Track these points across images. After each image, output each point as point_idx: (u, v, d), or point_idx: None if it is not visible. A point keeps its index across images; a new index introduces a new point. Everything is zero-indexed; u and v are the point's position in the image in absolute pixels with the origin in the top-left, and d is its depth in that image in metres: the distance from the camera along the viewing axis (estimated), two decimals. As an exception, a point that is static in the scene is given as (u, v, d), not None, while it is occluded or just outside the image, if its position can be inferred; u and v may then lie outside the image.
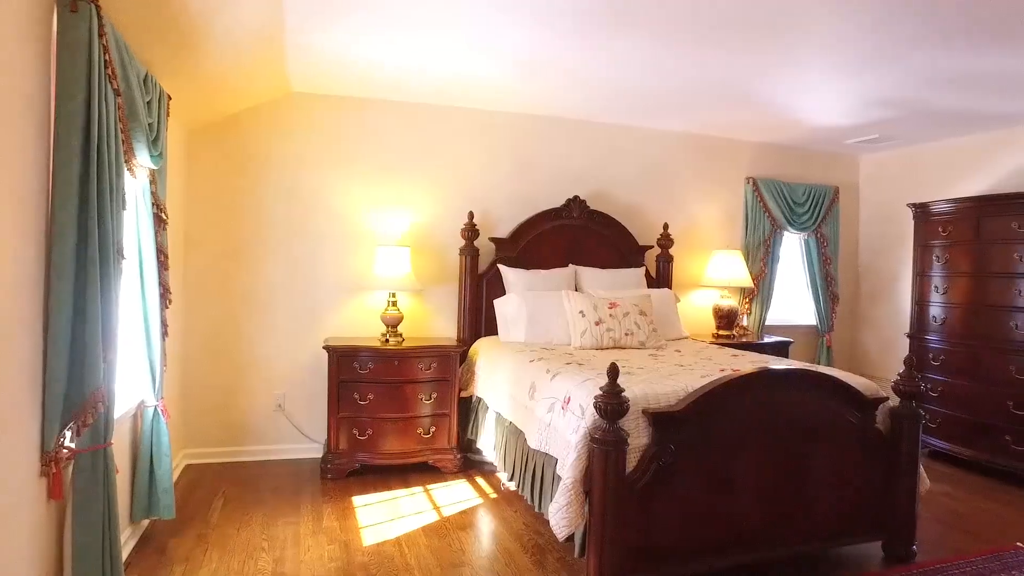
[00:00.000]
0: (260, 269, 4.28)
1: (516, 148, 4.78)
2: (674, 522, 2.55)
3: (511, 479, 3.37)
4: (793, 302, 5.83)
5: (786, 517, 2.77)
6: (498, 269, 4.50)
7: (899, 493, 2.99)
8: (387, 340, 4.11)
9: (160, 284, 2.98)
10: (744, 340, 4.95)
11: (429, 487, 3.90)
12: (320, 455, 4.20)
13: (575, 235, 4.75)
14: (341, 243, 4.42)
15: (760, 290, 5.38)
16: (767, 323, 5.48)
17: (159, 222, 2.98)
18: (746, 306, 5.35)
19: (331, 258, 4.40)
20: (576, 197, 4.74)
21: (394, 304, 4.21)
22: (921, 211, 4.91)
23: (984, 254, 4.46)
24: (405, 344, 4.08)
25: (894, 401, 3.07)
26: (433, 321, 4.62)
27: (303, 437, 4.36)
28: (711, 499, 2.62)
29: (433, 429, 4.08)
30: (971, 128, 4.88)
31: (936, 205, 4.79)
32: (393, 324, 4.16)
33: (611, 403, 2.36)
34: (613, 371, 2.38)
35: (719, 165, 5.42)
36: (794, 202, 5.51)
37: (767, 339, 5.13)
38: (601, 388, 2.40)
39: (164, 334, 3.04)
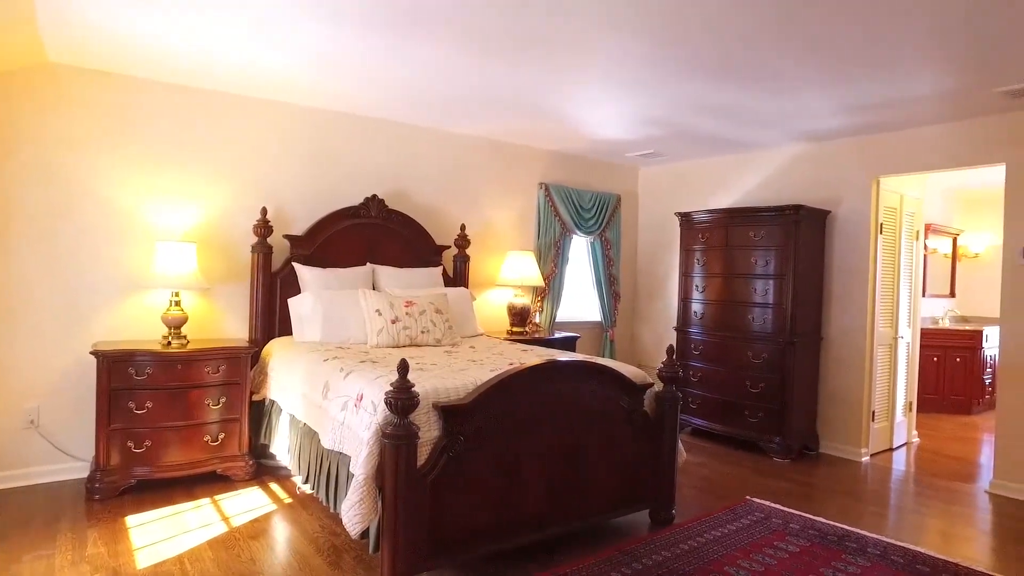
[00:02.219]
0: (6, 264, 3.71)
1: (313, 143, 4.66)
2: (465, 510, 2.68)
3: (306, 482, 3.30)
4: (581, 300, 6.34)
5: (567, 496, 3.04)
6: (293, 267, 4.36)
7: (662, 466, 3.42)
8: (169, 343, 3.80)
9: None
10: (536, 336, 5.29)
11: (218, 498, 3.67)
12: (86, 474, 3.76)
13: (373, 234, 4.74)
14: (113, 236, 3.99)
15: (551, 289, 5.78)
16: (557, 320, 5.91)
17: None
18: (538, 304, 5.72)
19: (101, 253, 3.96)
20: (375, 196, 4.74)
21: (177, 304, 3.90)
22: (685, 219, 5.61)
23: (731, 258, 5.22)
24: (190, 347, 3.80)
25: (659, 386, 3.50)
26: (223, 321, 4.35)
27: (64, 456, 3.87)
28: (500, 485, 2.79)
29: (222, 436, 3.85)
30: (723, 150, 5.68)
31: (697, 215, 5.50)
32: (176, 325, 3.86)
33: (401, 398, 2.42)
34: (403, 367, 2.45)
35: (514, 170, 5.73)
36: (582, 208, 5.99)
37: (557, 335, 5.54)
38: (392, 384, 2.45)
39: None
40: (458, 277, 5.18)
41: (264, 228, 4.25)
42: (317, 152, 4.67)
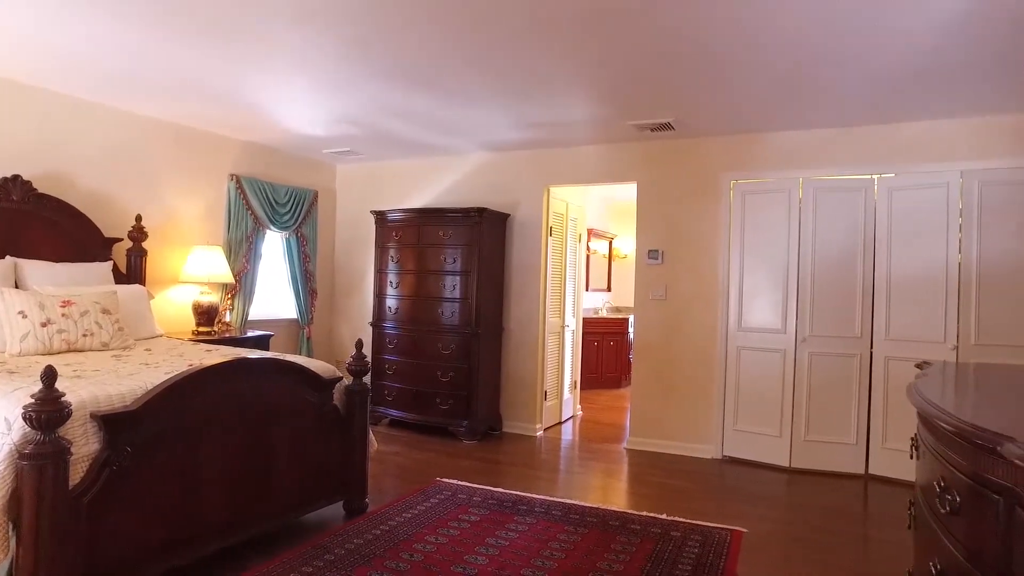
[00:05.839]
0: None
1: (-77, 107, 3.74)
2: (135, 528, 2.44)
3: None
4: (276, 297, 6.12)
5: (254, 499, 2.94)
6: None
7: (353, 458, 3.51)
8: None
9: None
10: (227, 336, 4.98)
11: None
12: None
13: (16, 222, 3.98)
14: None
15: (243, 286, 5.47)
16: (251, 318, 5.62)
17: None
18: (228, 302, 5.37)
19: None
20: (18, 177, 3.98)
21: None
22: (380, 218, 5.79)
23: (423, 255, 5.54)
24: None
25: (349, 380, 3.58)
26: None
27: None
28: (176, 495, 2.59)
29: None
30: (418, 153, 5.98)
31: (391, 214, 5.71)
32: None
33: (46, 411, 2.10)
34: (49, 375, 2.13)
35: (202, 159, 5.30)
36: (276, 202, 5.79)
37: (250, 333, 5.28)
38: (33, 396, 2.13)
39: None
40: (133, 273, 4.61)
41: None
42: (-73, 118, 3.76)
